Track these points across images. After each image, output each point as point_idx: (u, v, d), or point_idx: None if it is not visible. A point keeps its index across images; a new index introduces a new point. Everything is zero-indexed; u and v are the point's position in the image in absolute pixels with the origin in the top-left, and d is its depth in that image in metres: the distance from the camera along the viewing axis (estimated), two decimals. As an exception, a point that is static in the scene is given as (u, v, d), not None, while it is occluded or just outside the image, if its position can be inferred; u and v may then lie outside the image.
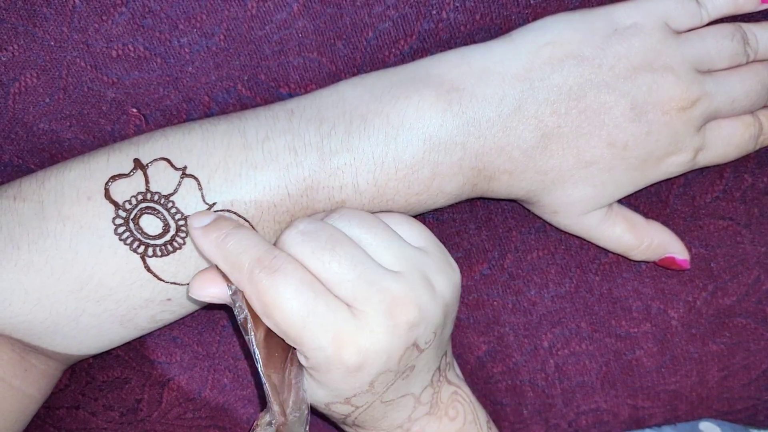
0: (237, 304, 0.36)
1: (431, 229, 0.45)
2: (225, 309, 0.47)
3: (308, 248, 0.36)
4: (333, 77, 0.43)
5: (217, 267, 0.37)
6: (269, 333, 0.36)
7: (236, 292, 0.36)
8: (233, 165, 0.38)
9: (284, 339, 0.36)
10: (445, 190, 0.40)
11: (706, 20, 0.41)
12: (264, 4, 0.40)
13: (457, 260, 0.46)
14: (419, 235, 0.39)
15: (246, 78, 0.42)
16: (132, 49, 0.41)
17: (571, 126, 0.39)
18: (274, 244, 0.37)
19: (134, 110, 0.42)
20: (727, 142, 0.42)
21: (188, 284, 0.39)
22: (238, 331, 0.48)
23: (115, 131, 0.43)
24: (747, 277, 0.47)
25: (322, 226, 0.37)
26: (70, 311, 0.39)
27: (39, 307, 0.39)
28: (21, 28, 0.40)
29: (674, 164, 0.41)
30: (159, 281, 0.39)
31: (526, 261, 0.46)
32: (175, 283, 0.40)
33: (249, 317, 0.36)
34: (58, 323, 0.40)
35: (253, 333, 0.36)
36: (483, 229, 0.46)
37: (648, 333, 0.47)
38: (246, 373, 0.48)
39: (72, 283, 0.39)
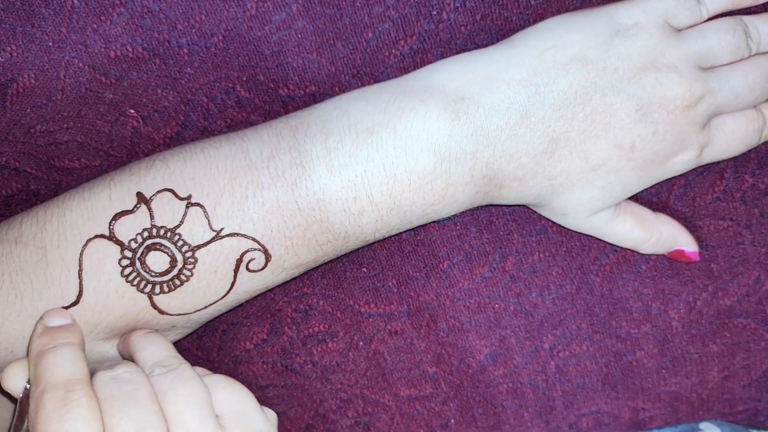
0: (20, 407, 0.35)
1: (431, 233, 0.46)
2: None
3: (109, 393, 0.34)
4: (332, 78, 0.43)
5: None
6: None
7: (27, 397, 0.35)
8: (239, 187, 0.38)
9: None
10: (459, 199, 0.40)
11: (706, 16, 0.41)
12: (263, 4, 0.40)
13: (458, 263, 0.46)
14: (234, 408, 0.37)
15: (245, 79, 0.42)
16: (130, 49, 0.40)
17: (577, 130, 0.39)
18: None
19: (132, 111, 0.42)
20: (731, 137, 0.42)
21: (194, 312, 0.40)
22: (238, 335, 0.47)
23: (112, 133, 0.43)
24: (747, 278, 0.47)
25: (136, 377, 0.35)
26: None
27: None
28: (19, 28, 0.39)
29: (680, 162, 0.41)
30: (165, 315, 0.39)
31: (528, 263, 0.46)
32: (181, 314, 0.40)
33: (22, 428, 0.35)
34: None
35: None
36: (484, 232, 0.46)
37: (648, 334, 0.47)
38: (246, 376, 0.48)
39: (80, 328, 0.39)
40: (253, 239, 0.38)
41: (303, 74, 0.42)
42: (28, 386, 0.36)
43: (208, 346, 0.47)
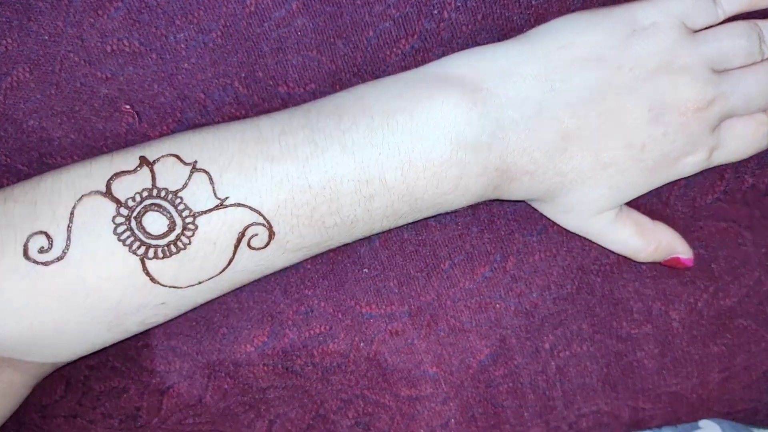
0: None
1: (433, 232, 0.46)
2: (224, 314, 0.46)
3: None
4: (333, 76, 0.42)
5: None
6: None
7: None
8: (248, 158, 0.37)
9: None
10: (471, 189, 0.40)
11: (722, 18, 0.42)
12: (262, 1, 0.40)
13: (459, 263, 0.46)
14: None
15: (243, 75, 0.42)
16: (127, 44, 0.40)
17: (590, 128, 0.39)
18: None
19: (127, 107, 0.41)
20: (741, 141, 0.42)
21: (187, 288, 0.38)
22: (238, 337, 0.47)
23: (106, 129, 0.42)
24: (748, 279, 0.48)
25: None
26: (54, 320, 0.37)
27: (20, 314, 0.36)
28: (15, 21, 0.38)
29: (689, 164, 0.42)
30: (156, 285, 0.37)
31: (528, 263, 0.47)
32: (173, 287, 0.38)
33: None
34: (39, 333, 0.37)
35: None
36: (485, 231, 0.46)
37: (649, 334, 0.48)
38: (247, 378, 0.47)
39: (61, 289, 0.36)
40: (259, 213, 0.37)
41: (303, 72, 0.42)
42: None
43: (208, 349, 0.47)
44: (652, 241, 0.44)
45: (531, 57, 0.39)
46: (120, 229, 0.36)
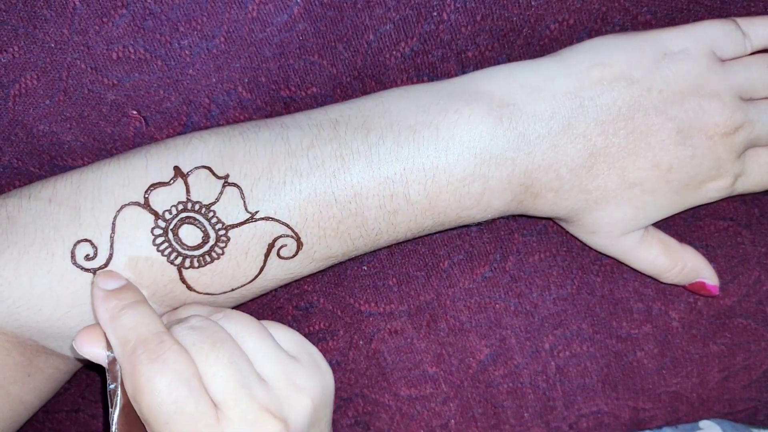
0: (111, 374, 0.36)
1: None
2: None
3: (193, 339, 0.35)
4: (334, 80, 0.43)
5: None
6: (133, 412, 0.36)
7: (114, 361, 0.36)
8: (277, 173, 0.38)
9: (146, 426, 0.35)
10: (493, 205, 0.40)
11: (749, 50, 0.42)
12: (265, 6, 0.40)
13: (458, 263, 0.46)
14: (293, 342, 0.39)
15: (246, 80, 0.42)
16: (132, 51, 0.41)
17: (618, 146, 0.39)
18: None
19: (134, 112, 0.42)
20: (765, 170, 0.43)
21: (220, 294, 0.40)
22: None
23: (115, 133, 0.43)
24: (747, 278, 0.47)
25: (210, 323, 0.37)
26: None
27: (70, 315, 0.39)
28: (21, 29, 0.40)
29: (714, 189, 0.42)
30: (192, 292, 0.39)
31: (528, 263, 0.46)
32: (208, 294, 0.40)
33: (120, 391, 0.36)
34: None
35: (118, 407, 0.36)
36: (485, 231, 0.46)
37: (649, 334, 0.47)
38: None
39: None
40: (287, 226, 0.39)
41: (304, 76, 0.43)
42: (110, 354, 0.36)
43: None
44: (678, 262, 0.44)
45: (562, 74, 0.40)
46: (158, 240, 0.38)
